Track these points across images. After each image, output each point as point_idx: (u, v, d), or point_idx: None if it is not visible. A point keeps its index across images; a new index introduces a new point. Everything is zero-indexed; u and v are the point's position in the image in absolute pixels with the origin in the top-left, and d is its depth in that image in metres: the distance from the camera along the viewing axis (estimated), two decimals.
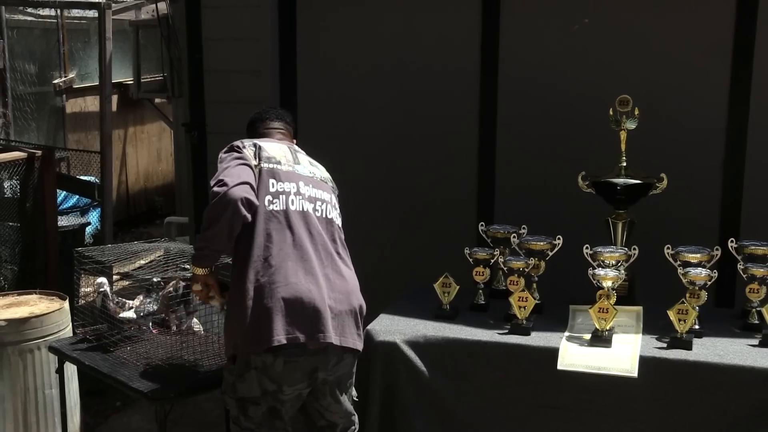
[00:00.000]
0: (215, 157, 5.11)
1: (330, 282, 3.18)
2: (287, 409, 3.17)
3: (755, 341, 3.55)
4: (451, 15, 4.95)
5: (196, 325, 3.86)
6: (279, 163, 3.26)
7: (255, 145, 3.26)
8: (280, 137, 3.48)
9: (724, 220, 4.62)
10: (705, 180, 4.64)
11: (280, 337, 3.00)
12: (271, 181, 3.19)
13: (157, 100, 8.19)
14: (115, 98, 7.36)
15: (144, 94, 7.90)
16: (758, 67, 4.56)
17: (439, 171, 5.08)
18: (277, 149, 3.33)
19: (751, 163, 4.62)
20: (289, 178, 3.24)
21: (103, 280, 3.99)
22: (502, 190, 4.96)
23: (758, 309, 3.64)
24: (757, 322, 3.65)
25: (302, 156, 3.41)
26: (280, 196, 3.18)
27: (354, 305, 3.25)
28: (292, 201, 3.20)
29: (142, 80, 7.75)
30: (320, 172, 3.43)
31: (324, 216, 3.28)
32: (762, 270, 3.68)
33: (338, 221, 3.39)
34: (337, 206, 3.42)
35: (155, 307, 3.84)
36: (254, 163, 3.19)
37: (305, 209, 3.22)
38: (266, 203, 3.15)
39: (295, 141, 3.59)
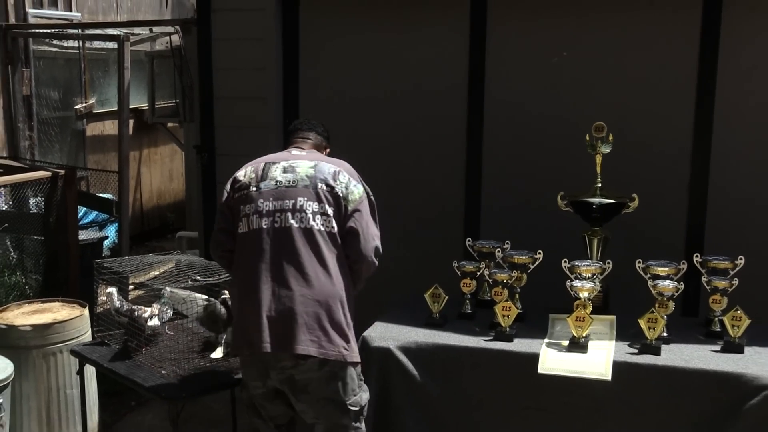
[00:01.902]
0: (224, 177, 5.14)
1: (276, 294, 3.11)
2: (260, 403, 3.24)
3: (718, 347, 3.57)
4: (440, 44, 4.97)
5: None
6: (247, 187, 3.24)
7: (234, 178, 3.33)
8: (298, 146, 3.42)
9: (690, 237, 4.63)
10: (672, 200, 4.65)
11: (238, 345, 3.26)
12: (242, 207, 3.22)
13: (169, 125, 8.18)
14: (131, 122, 7.36)
15: (158, 119, 7.89)
16: (720, 96, 4.58)
17: (429, 190, 5.08)
18: (251, 171, 3.30)
19: (714, 185, 4.63)
20: (250, 200, 3.20)
21: (112, 290, 4.03)
22: (488, 208, 4.96)
23: (720, 318, 3.66)
24: (719, 329, 3.67)
25: (278, 166, 3.26)
26: (244, 219, 3.20)
27: (310, 311, 3.09)
28: (252, 221, 3.18)
29: (157, 106, 7.75)
30: (296, 174, 3.23)
31: (282, 225, 3.14)
32: (724, 282, 3.70)
33: (310, 223, 3.15)
34: (311, 206, 3.17)
35: (171, 313, 3.86)
36: (226, 198, 3.31)
37: (261, 226, 3.16)
38: (239, 229, 3.22)
39: (327, 148, 3.57)
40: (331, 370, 3.12)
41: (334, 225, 3.18)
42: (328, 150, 3.55)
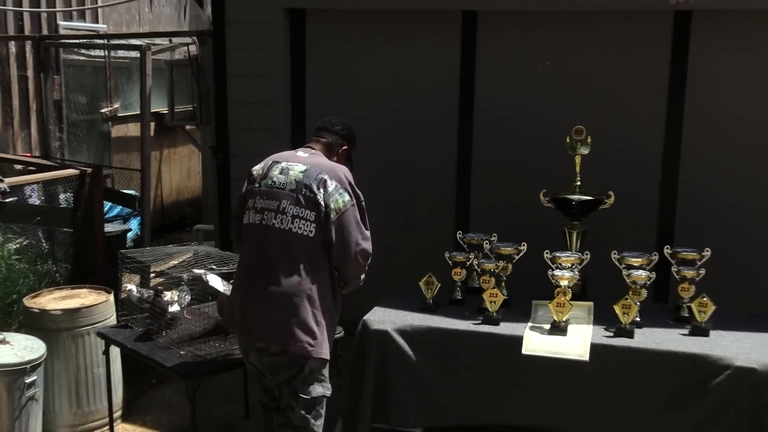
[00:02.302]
0: (238, 175, 5.17)
1: (254, 286, 3.14)
2: (256, 376, 3.31)
3: (685, 331, 3.58)
4: (434, 54, 4.97)
5: None
6: (254, 182, 3.22)
7: (250, 171, 3.30)
8: (309, 145, 3.34)
9: (661, 230, 4.64)
10: (645, 197, 4.66)
11: (230, 320, 3.37)
12: (248, 200, 3.22)
13: (187, 127, 8.16)
14: (152, 125, 7.34)
15: (177, 122, 7.87)
16: (689, 103, 4.59)
17: (424, 188, 5.09)
18: (260, 167, 3.26)
19: (683, 184, 4.65)
20: (253, 195, 3.20)
21: (132, 286, 4.12)
22: (477, 204, 4.97)
23: (688, 304, 3.67)
24: (687, 315, 3.68)
25: (278, 166, 3.20)
26: (246, 212, 3.21)
27: (278, 307, 3.08)
28: (249, 215, 3.18)
29: (176, 110, 7.72)
30: (288, 177, 3.14)
31: (267, 224, 3.12)
32: (691, 272, 3.71)
33: (288, 225, 3.09)
34: (292, 209, 3.09)
35: (189, 298, 3.87)
36: (243, 189, 3.29)
37: (254, 221, 3.15)
38: (243, 219, 3.23)
39: (343, 146, 3.37)
40: (292, 359, 3.09)
41: (313, 229, 3.08)
42: (344, 148, 3.37)
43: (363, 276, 3.28)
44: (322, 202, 3.08)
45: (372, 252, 3.21)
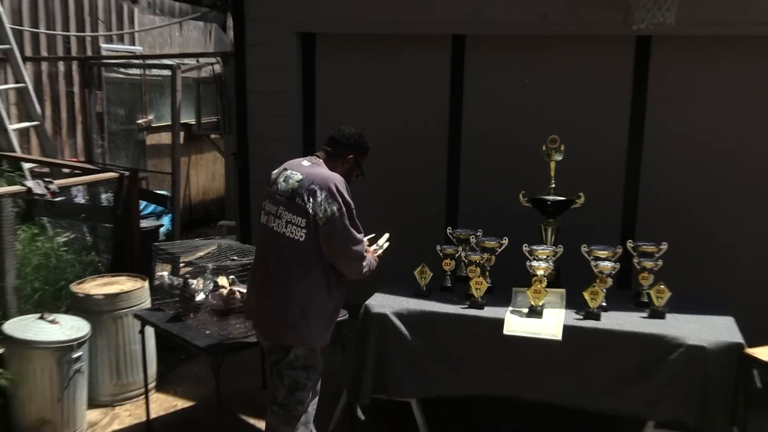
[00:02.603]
0: (256, 177, 5.16)
1: (256, 283, 3.16)
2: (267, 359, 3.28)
3: (645, 314, 3.60)
4: (428, 77, 4.98)
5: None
6: (269, 185, 3.18)
7: (271, 173, 3.23)
8: (316, 154, 3.22)
9: (624, 227, 4.64)
10: (611, 198, 4.66)
11: (247, 308, 3.33)
12: (263, 201, 3.18)
13: (212, 136, 8.15)
14: (182, 134, 7.34)
15: (203, 131, 7.87)
16: (649, 116, 4.59)
17: (420, 191, 5.09)
18: (274, 172, 3.19)
19: (643, 186, 4.65)
20: (266, 197, 3.15)
21: (164, 273, 4.13)
22: (465, 204, 4.97)
23: (647, 291, 3.69)
24: (646, 300, 3.69)
25: (285, 173, 3.11)
26: (261, 212, 3.17)
27: (276, 312, 3.06)
28: (262, 216, 3.15)
29: (202, 121, 7.72)
30: (287, 185, 3.06)
31: (269, 226, 3.08)
32: (650, 263, 3.72)
33: (283, 229, 3.02)
34: (286, 215, 3.02)
35: (212, 285, 3.87)
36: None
37: (263, 222, 3.13)
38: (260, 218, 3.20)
39: (349, 156, 3.17)
40: (279, 345, 3.11)
41: (303, 234, 2.98)
42: (350, 157, 3.18)
43: (365, 270, 3.13)
44: (311, 211, 2.98)
45: (366, 257, 3.10)
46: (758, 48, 4.34)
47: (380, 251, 3.36)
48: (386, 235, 3.38)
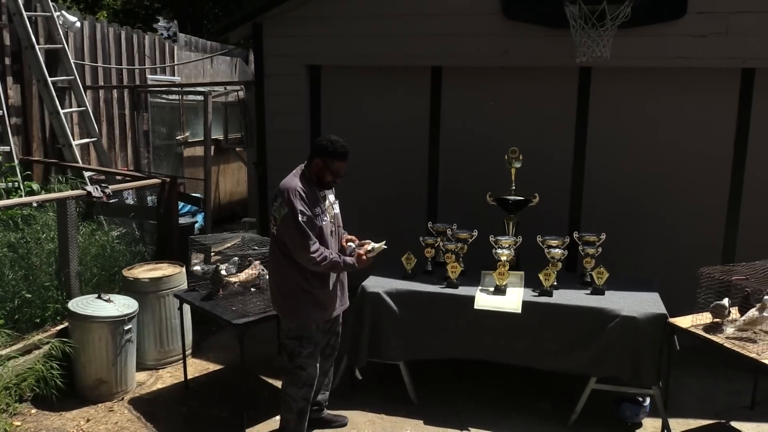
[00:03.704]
0: (273, 183, 5.08)
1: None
2: None
3: (588, 291, 3.60)
4: (411, 100, 4.92)
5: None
6: None
7: None
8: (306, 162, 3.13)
9: (571, 221, 4.60)
10: (560, 196, 4.62)
11: None
12: None
13: (237, 149, 8.13)
14: (212, 148, 7.29)
15: (230, 145, 7.83)
16: (591, 131, 4.55)
17: (406, 192, 5.02)
18: None
19: (586, 187, 4.61)
20: None
21: (197, 262, 4.10)
22: (443, 202, 4.92)
23: (590, 273, 3.68)
24: (589, 280, 3.69)
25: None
26: None
27: (272, 290, 3.15)
28: None
29: (229, 137, 7.71)
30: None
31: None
32: (592, 250, 3.73)
33: (272, 227, 3.01)
34: (273, 215, 2.98)
35: (235, 270, 3.83)
36: None
37: None
38: None
39: (314, 158, 3.03)
40: (281, 318, 3.18)
41: (274, 232, 3.00)
42: (315, 161, 3.01)
43: (322, 263, 2.95)
44: (273, 214, 2.99)
45: (314, 258, 2.93)
46: (670, 75, 4.34)
47: (372, 254, 3.18)
48: (383, 243, 3.23)
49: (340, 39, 4.85)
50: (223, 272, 3.79)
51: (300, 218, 2.91)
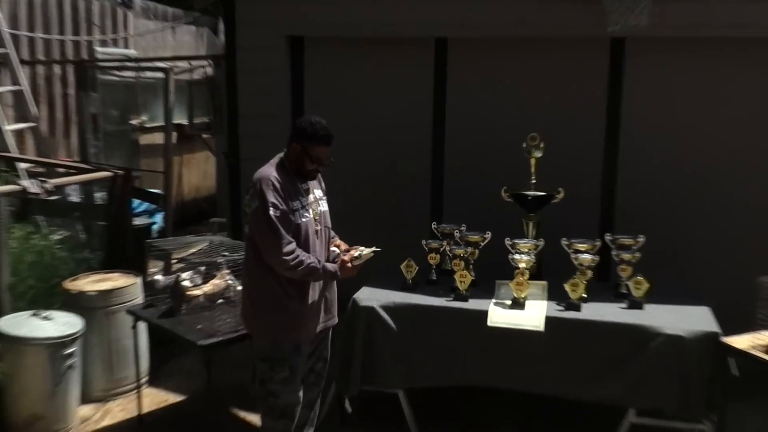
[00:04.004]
0: (246, 176, 5.02)
1: None
2: None
3: (624, 305, 3.56)
4: (412, 78, 4.88)
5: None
6: None
7: None
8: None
9: (603, 220, 4.57)
10: (589, 193, 4.58)
11: None
12: None
13: (204, 136, 8.09)
14: (174, 134, 7.24)
15: (195, 132, 7.82)
16: (625, 112, 4.51)
17: (405, 187, 4.98)
18: None
19: (621, 181, 4.59)
20: None
21: (158, 277, 4.00)
22: (449, 199, 4.89)
23: (626, 283, 3.65)
24: (625, 291, 3.65)
25: None
26: None
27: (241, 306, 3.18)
28: None
29: (194, 121, 7.67)
30: None
31: None
32: (628, 255, 3.69)
33: (246, 228, 3.03)
34: (244, 210, 2.99)
35: (200, 280, 3.77)
36: None
37: None
38: None
39: (292, 143, 3.02)
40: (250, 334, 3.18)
41: (247, 230, 2.99)
42: (293, 146, 3.00)
43: (297, 268, 2.89)
44: (244, 208, 2.97)
45: (286, 261, 2.85)
46: (721, 48, 4.31)
47: (359, 261, 3.12)
48: (373, 249, 3.17)
49: (327, 6, 4.81)
50: (187, 283, 3.73)
51: (271, 212, 2.85)
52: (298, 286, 3.00)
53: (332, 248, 3.19)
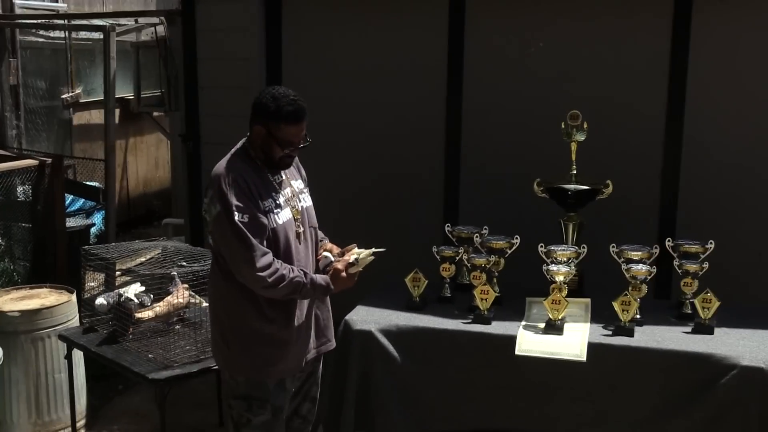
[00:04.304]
0: (209, 164, 5.07)
1: None
2: None
3: (689, 329, 3.57)
4: (420, 41, 4.93)
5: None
6: None
7: None
8: None
9: (662, 222, 4.63)
10: (645, 186, 4.64)
11: None
12: None
13: (155, 114, 8.14)
14: (117, 112, 7.28)
15: (144, 108, 7.85)
16: (691, 86, 4.57)
17: (410, 179, 5.05)
18: None
19: (686, 172, 4.64)
20: None
21: (100, 299, 3.94)
22: (467, 195, 4.94)
23: (691, 300, 3.66)
24: (690, 312, 3.67)
25: None
26: None
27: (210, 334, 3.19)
28: None
29: (142, 96, 7.70)
30: None
31: None
32: (695, 266, 3.69)
33: (209, 238, 3.05)
34: (204, 216, 3.01)
35: (152, 297, 3.82)
36: None
37: None
38: None
39: (255, 125, 2.97)
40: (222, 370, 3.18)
41: (211, 241, 2.98)
42: (255, 128, 2.94)
43: (282, 291, 2.88)
44: (204, 211, 2.94)
45: (262, 278, 2.82)
46: None
47: (356, 268, 3.08)
48: (372, 250, 3.12)
49: None
50: (134, 301, 3.77)
51: (237, 217, 2.81)
52: (281, 306, 2.98)
53: (323, 254, 3.18)
